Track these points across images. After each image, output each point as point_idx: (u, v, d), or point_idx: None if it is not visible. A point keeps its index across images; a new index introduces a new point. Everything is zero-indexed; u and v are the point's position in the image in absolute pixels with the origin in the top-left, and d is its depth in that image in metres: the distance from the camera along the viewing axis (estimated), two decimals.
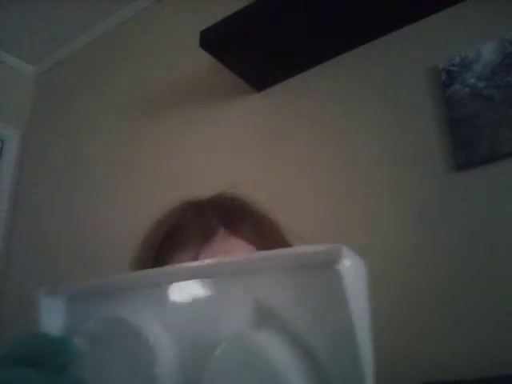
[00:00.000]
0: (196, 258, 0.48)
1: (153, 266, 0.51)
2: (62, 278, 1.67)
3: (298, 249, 0.28)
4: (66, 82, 2.11)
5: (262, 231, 0.54)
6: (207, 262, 0.31)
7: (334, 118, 1.26)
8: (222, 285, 0.29)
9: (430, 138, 1.08)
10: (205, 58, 1.35)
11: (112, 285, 0.32)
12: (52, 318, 0.33)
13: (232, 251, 0.50)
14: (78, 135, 1.93)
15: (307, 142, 1.28)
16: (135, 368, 0.29)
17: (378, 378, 0.26)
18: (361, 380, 0.25)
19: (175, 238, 0.52)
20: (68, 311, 0.33)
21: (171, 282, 0.31)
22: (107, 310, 0.31)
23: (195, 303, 0.30)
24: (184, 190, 1.44)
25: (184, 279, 0.31)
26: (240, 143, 1.41)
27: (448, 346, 0.91)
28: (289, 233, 0.56)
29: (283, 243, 0.54)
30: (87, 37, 2.06)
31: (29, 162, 2.08)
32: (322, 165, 1.23)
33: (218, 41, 1.24)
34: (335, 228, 1.12)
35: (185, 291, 0.31)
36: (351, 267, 0.26)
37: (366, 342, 0.26)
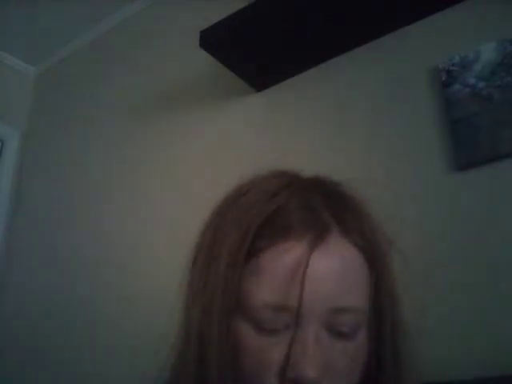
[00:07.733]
0: (308, 256, 0.43)
1: (246, 254, 0.45)
2: (62, 277, 1.67)
3: None
4: (65, 82, 2.11)
5: (371, 239, 0.49)
6: None
7: (334, 118, 1.25)
8: None
9: (430, 138, 1.07)
10: (205, 58, 1.35)
11: None
12: None
13: (347, 257, 0.46)
14: (77, 135, 1.93)
15: (307, 142, 1.28)
16: None
17: None
18: None
19: (278, 223, 0.45)
20: None
21: None
22: None
23: None
24: (184, 190, 1.44)
25: None
26: (240, 143, 1.41)
27: (448, 345, 0.91)
28: (384, 232, 0.52)
29: (382, 250, 0.51)
30: (87, 37, 2.06)
31: (29, 162, 2.08)
32: (322, 165, 1.23)
33: (218, 41, 1.24)
34: None
35: None
36: None
37: None
